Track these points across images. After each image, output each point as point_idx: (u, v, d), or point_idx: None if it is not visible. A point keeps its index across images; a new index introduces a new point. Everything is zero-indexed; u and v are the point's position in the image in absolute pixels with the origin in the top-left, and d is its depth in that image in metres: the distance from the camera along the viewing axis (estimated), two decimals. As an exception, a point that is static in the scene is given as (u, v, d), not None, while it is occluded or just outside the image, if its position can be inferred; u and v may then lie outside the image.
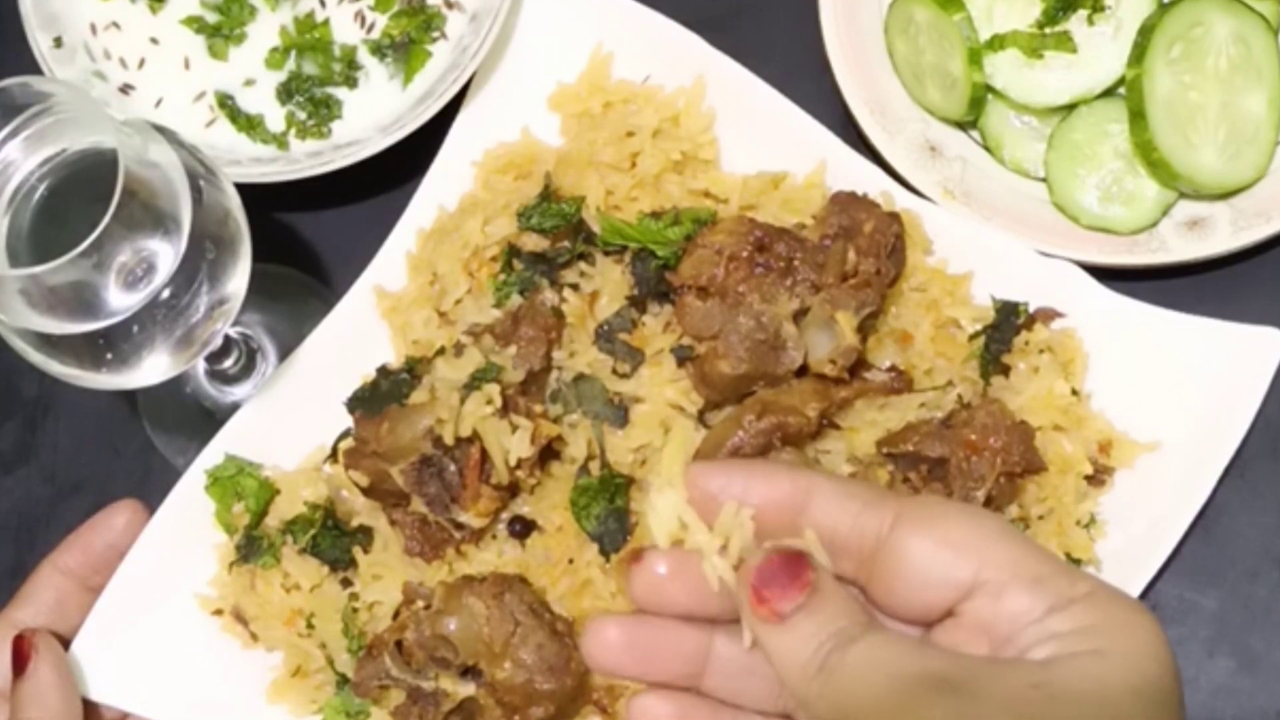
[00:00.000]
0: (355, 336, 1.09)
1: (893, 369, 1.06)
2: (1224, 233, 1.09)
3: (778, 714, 0.70)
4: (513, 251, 1.08)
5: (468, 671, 0.99)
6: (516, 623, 0.94)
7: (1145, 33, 1.09)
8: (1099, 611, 0.63)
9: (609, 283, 1.07)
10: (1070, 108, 1.12)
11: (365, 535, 1.06)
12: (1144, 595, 1.04)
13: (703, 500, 0.68)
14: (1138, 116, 1.08)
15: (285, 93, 1.14)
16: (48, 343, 0.91)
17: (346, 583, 1.06)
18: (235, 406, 1.10)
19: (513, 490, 1.04)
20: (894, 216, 1.05)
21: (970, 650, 0.65)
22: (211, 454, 1.06)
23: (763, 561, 0.65)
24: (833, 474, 0.90)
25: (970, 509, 0.70)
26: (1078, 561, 1.04)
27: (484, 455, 1.01)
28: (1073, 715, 0.60)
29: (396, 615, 1.03)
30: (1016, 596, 0.63)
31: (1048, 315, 1.08)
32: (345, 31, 1.15)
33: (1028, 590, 0.64)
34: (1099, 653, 0.62)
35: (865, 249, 1.03)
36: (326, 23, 1.15)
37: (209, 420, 1.13)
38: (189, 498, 1.06)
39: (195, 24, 1.15)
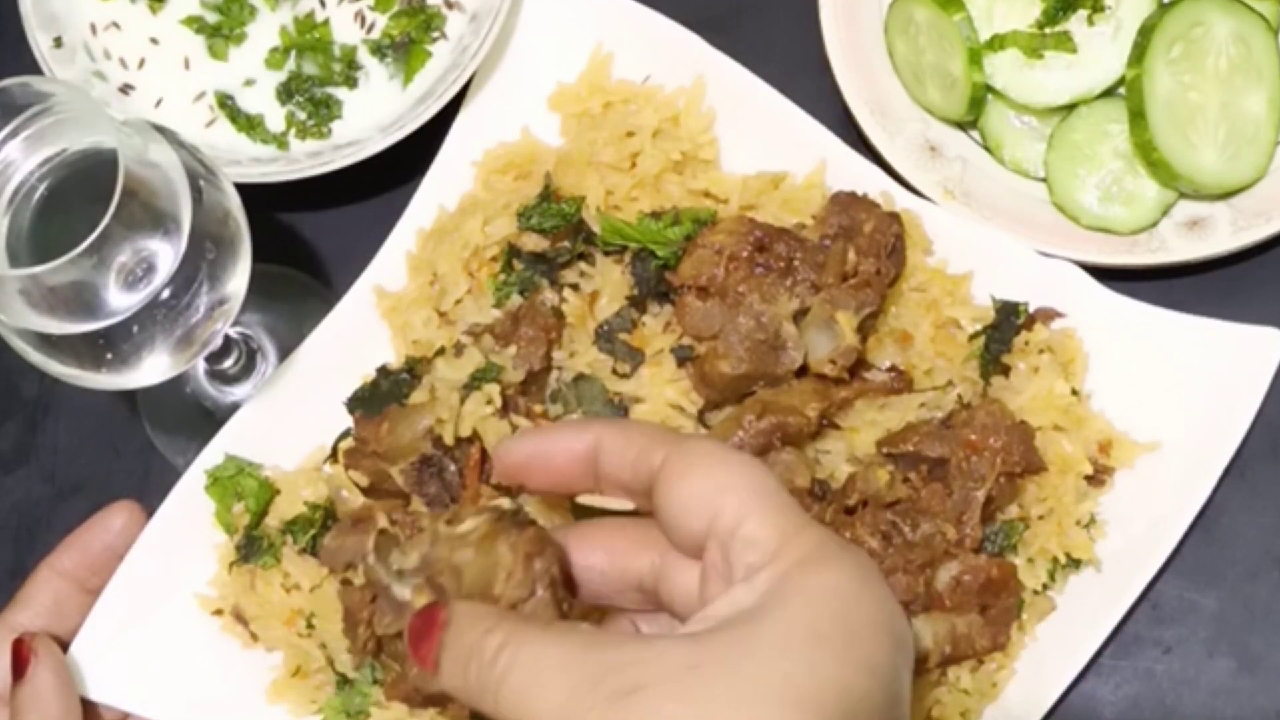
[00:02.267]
0: (355, 336, 1.09)
1: (893, 369, 1.06)
2: (1224, 233, 1.09)
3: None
4: (513, 251, 1.08)
5: None
6: (532, 594, 0.85)
7: (1145, 33, 1.09)
8: (807, 546, 0.68)
9: (609, 283, 1.07)
10: (1070, 108, 1.12)
11: (365, 535, 1.06)
12: (1144, 595, 1.04)
13: (514, 469, 0.78)
14: (1138, 116, 1.08)
15: (285, 93, 1.14)
16: (48, 343, 0.90)
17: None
18: (235, 406, 1.09)
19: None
20: (894, 216, 1.05)
21: (712, 584, 0.70)
22: (211, 454, 1.06)
23: (408, 628, 0.72)
24: (616, 420, 0.97)
25: (726, 450, 0.74)
26: (1077, 562, 1.04)
27: (484, 455, 1.01)
28: (722, 692, 0.64)
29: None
30: (751, 527, 0.69)
31: (1048, 315, 1.08)
32: (345, 31, 1.15)
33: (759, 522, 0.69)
34: (779, 594, 0.67)
35: (865, 249, 1.03)
36: (326, 23, 1.15)
37: (209, 420, 1.13)
38: (189, 498, 1.06)
39: (195, 24, 1.15)
